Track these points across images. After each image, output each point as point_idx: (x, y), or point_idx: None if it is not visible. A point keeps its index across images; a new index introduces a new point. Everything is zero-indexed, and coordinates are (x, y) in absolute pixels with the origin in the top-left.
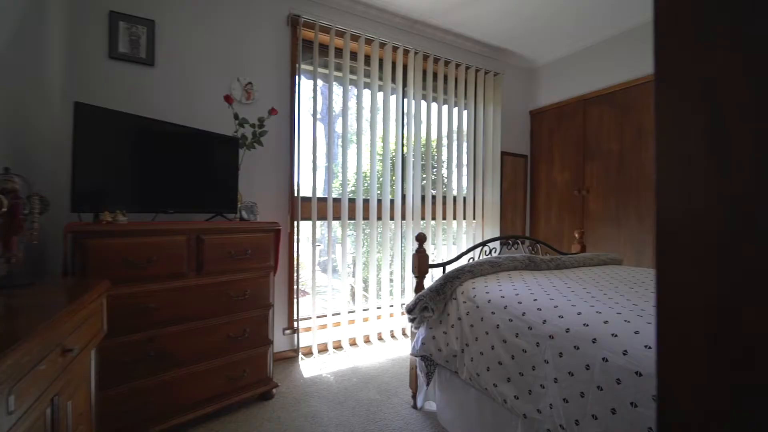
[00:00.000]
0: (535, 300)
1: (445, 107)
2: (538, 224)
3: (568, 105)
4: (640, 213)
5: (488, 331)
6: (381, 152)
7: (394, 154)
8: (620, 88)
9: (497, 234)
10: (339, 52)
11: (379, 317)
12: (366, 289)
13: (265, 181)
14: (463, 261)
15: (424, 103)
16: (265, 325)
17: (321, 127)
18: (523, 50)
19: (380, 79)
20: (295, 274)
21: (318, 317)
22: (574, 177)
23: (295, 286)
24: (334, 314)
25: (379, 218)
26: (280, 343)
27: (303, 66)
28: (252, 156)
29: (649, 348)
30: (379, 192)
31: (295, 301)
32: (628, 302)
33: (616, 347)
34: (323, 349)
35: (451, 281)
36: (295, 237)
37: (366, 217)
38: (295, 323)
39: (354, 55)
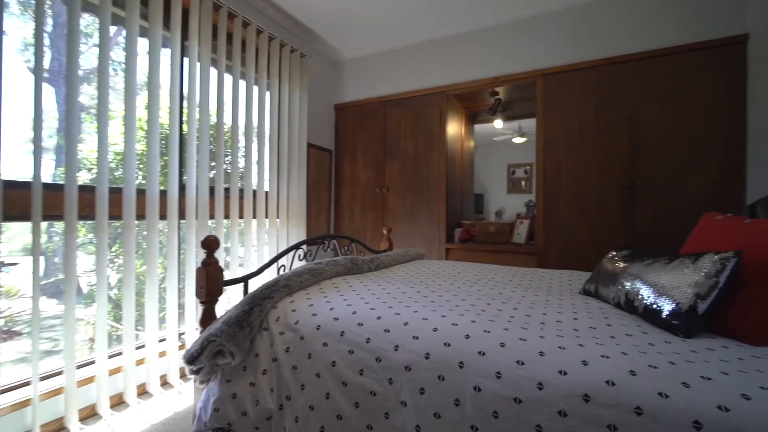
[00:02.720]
0: (379, 318)
1: (243, 82)
2: (343, 222)
3: (370, 104)
4: (431, 210)
5: (320, 373)
6: (146, 126)
7: (168, 130)
8: (415, 94)
9: (303, 234)
10: None
11: (141, 362)
12: (119, 321)
13: None
14: (273, 272)
15: (214, 71)
16: None
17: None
18: (331, 38)
19: (144, 18)
20: None
21: (5, 390)
22: (376, 175)
23: None
24: (46, 376)
25: (142, 216)
26: None
27: None
28: None
29: (522, 364)
30: (143, 181)
31: None
32: (463, 302)
33: (487, 369)
34: None
35: (261, 304)
36: None
37: (116, 215)
38: None
39: None
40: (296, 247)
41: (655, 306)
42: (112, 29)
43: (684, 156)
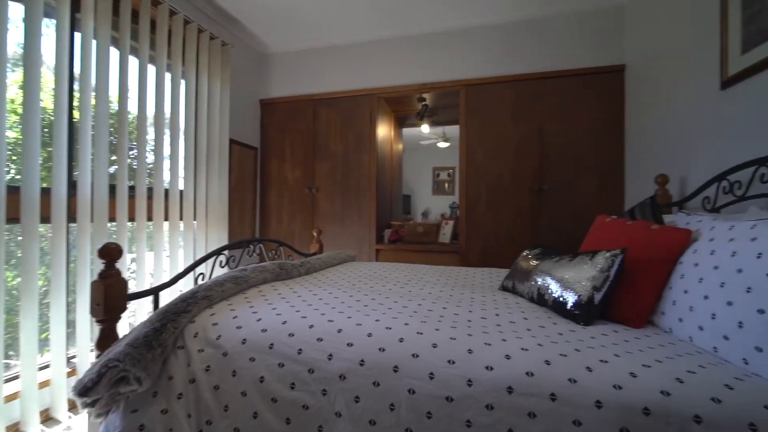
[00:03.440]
0: (312, 326)
1: (152, 67)
2: (270, 224)
3: (299, 101)
4: (361, 211)
5: (246, 391)
6: (20, 110)
7: (53, 117)
8: (345, 95)
9: (225, 239)
10: None
11: (13, 396)
12: None
13: None
14: (189, 282)
15: (115, 52)
16: None
17: None
18: (256, 28)
19: None
20: None
21: None
22: (305, 175)
23: None
24: None
25: (15, 219)
26: None
27: None
28: None
29: (453, 363)
30: (17, 176)
31: None
32: (396, 304)
33: (420, 371)
34: None
35: (175, 320)
36: None
37: None
38: None
39: None
40: (217, 252)
41: (561, 299)
42: None
43: (576, 164)
